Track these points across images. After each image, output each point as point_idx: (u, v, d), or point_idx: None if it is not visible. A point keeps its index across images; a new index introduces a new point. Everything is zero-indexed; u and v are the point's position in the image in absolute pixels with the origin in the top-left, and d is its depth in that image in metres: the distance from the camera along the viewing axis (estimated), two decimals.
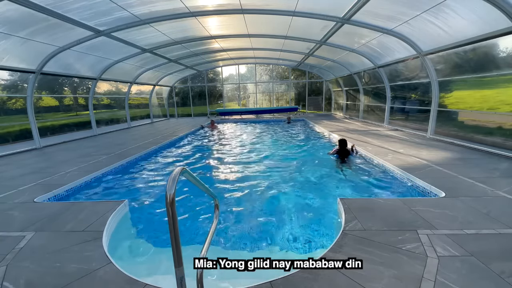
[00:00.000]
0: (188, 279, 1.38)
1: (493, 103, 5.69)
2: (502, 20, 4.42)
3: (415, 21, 5.80)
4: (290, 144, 8.39)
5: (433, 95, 7.14)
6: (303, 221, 3.42)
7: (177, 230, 1.25)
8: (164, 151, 7.60)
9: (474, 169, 4.37)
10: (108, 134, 10.77)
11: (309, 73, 17.55)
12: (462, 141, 6.25)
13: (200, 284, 1.54)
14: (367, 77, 11.55)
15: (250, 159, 6.64)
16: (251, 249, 2.89)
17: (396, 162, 4.93)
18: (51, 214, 3.20)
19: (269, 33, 9.25)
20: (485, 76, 5.73)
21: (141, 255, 2.88)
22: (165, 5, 6.04)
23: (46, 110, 10.29)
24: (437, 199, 3.31)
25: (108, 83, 12.26)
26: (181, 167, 1.36)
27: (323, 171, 5.43)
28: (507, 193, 3.35)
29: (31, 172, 5.15)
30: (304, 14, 6.64)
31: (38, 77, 7.57)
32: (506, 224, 2.61)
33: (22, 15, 5.10)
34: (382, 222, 2.71)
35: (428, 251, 2.20)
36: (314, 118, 14.28)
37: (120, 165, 5.70)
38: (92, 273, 2.08)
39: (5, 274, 2.10)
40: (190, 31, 8.53)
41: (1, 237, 2.69)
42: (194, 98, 18.42)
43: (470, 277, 1.89)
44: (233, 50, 12.37)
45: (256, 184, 4.76)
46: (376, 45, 8.24)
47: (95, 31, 6.61)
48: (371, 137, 7.75)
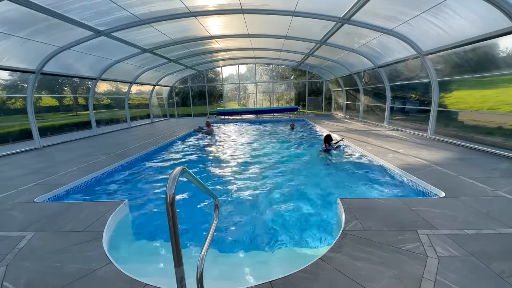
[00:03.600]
0: (188, 279, 1.38)
1: (493, 103, 5.69)
2: (502, 20, 4.42)
3: (415, 21, 5.80)
4: (290, 144, 8.39)
5: (433, 95, 7.14)
6: (303, 221, 3.42)
7: (177, 230, 1.25)
8: (164, 151, 7.60)
9: (474, 169, 4.37)
10: (108, 134, 10.76)
11: (309, 73, 17.55)
12: (462, 141, 6.25)
13: (200, 284, 1.54)
14: (367, 77, 11.56)
15: (249, 159, 6.64)
16: (251, 249, 2.89)
17: (396, 162, 4.93)
18: (51, 214, 3.19)
19: (269, 33, 9.25)
20: (485, 76, 5.73)
21: (141, 255, 2.88)
22: (165, 5, 6.04)
23: (46, 110, 10.29)
24: (437, 199, 3.31)
25: (108, 83, 12.26)
26: (181, 167, 1.35)
27: (323, 171, 5.43)
28: (507, 193, 3.35)
29: (31, 172, 5.15)
30: (304, 14, 6.64)
31: (38, 77, 7.57)
32: (506, 224, 2.61)
33: (22, 15, 5.10)
34: (382, 222, 2.71)
35: (428, 251, 2.20)
36: (314, 118, 14.29)
37: (120, 165, 5.70)
38: (92, 273, 2.08)
39: (5, 274, 2.10)
40: (190, 31, 8.53)
41: (1, 237, 2.69)
42: (194, 98, 18.42)
43: (470, 277, 1.89)
44: (233, 50, 12.37)
45: (256, 185, 4.76)
46: (376, 45, 8.24)
47: (95, 31, 6.61)
48: (371, 137, 7.75)
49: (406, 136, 7.72)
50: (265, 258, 2.75)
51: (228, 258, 2.77)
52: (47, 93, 10.21)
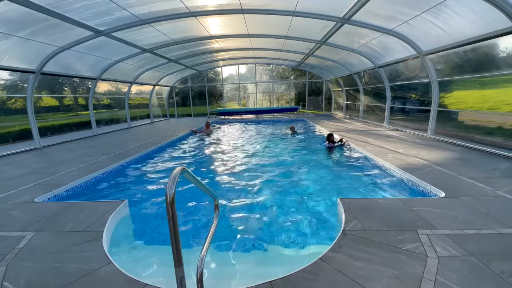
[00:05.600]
0: (188, 279, 1.38)
1: (493, 103, 5.69)
2: (502, 20, 4.42)
3: (415, 21, 5.80)
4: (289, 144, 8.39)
5: (433, 95, 7.14)
6: (303, 221, 3.42)
7: (177, 230, 1.25)
8: (164, 151, 7.60)
9: (474, 169, 4.37)
10: (108, 134, 10.76)
11: (309, 73, 17.54)
12: (462, 141, 6.25)
13: (200, 284, 1.54)
14: (367, 77, 11.55)
15: (249, 159, 6.64)
16: (251, 249, 2.89)
17: (396, 162, 4.93)
18: (51, 214, 3.20)
19: (269, 33, 9.25)
20: (485, 76, 5.73)
21: (141, 255, 2.88)
22: (165, 5, 6.04)
23: (46, 110, 10.28)
24: (437, 199, 3.31)
25: (108, 83, 12.26)
26: (181, 167, 1.35)
27: (322, 171, 5.43)
28: (507, 193, 3.35)
29: (31, 172, 5.15)
30: (304, 14, 6.64)
31: (38, 77, 7.57)
32: (506, 224, 2.61)
33: (22, 15, 5.10)
34: (382, 222, 2.71)
35: (428, 251, 2.20)
36: (314, 118, 14.28)
37: (120, 165, 5.70)
38: (92, 273, 2.08)
39: (5, 274, 2.10)
40: (190, 31, 8.53)
41: (1, 237, 2.69)
42: (194, 98, 18.42)
43: (470, 277, 1.89)
44: (233, 50, 12.37)
45: (256, 185, 4.76)
46: (376, 45, 8.24)
47: (95, 31, 6.61)
48: (371, 137, 7.75)
49: (406, 136, 7.72)
50: (265, 258, 2.75)
51: (228, 258, 2.76)
52: (47, 93, 10.20)
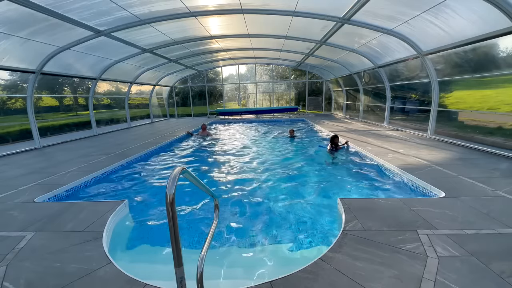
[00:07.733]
0: (188, 279, 1.38)
1: (493, 103, 5.69)
2: (502, 20, 4.42)
3: (415, 21, 5.80)
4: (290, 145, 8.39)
5: (433, 95, 7.14)
6: (303, 221, 3.42)
7: (177, 230, 1.25)
8: (164, 151, 7.59)
9: (474, 169, 4.37)
10: (108, 134, 10.76)
11: (309, 73, 17.54)
12: (462, 141, 6.25)
13: (200, 284, 1.54)
14: (367, 77, 11.55)
15: (249, 159, 6.64)
16: (251, 249, 2.89)
17: (396, 162, 4.93)
18: (51, 214, 3.19)
19: (269, 33, 9.24)
20: (485, 76, 5.73)
21: (141, 255, 2.88)
22: (165, 5, 6.04)
23: (46, 110, 10.28)
24: (437, 199, 3.31)
25: (108, 83, 12.26)
26: (181, 167, 1.35)
27: (322, 171, 5.43)
28: (507, 193, 3.35)
29: (31, 172, 5.14)
30: (304, 14, 6.64)
31: (38, 77, 7.57)
32: (506, 224, 2.61)
33: (22, 15, 5.09)
34: (382, 222, 2.71)
35: (428, 251, 2.20)
36: (314, 118, 14.28)
37: (120, 165, 5.70)
38: (92, 273, 2.08)
39: (5, 274, 2.10)
40: (190, 31, 8.53)
41: (1, 237, 2.69)
42: (194, 98, 18.41)
43: (470, 277, 1.89)
44: (233, 50, 12.36)
45: (256, 185, 4.76)
46: (376, 45, 8.24)
47: (95, 31, 6.61)
48: (371, 137, 7.75)
49: (406, 136, 7.72)
50: (265, 258, 2.75)
51: (228, 258, 2.77)
52: (47, 93, 10.20)
